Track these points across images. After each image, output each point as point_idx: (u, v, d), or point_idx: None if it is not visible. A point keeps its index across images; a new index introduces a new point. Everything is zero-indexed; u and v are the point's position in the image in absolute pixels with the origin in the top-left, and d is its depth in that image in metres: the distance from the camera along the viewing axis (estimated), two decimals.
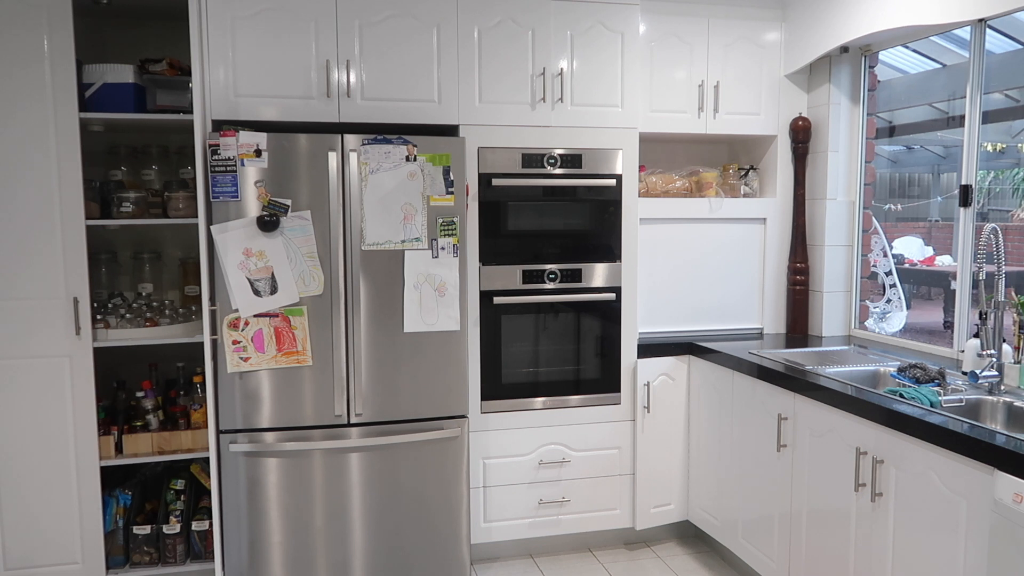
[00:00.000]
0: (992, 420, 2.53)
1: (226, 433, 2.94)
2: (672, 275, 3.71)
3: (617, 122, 3.39)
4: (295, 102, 3.06)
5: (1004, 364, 2.62)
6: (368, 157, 2.96)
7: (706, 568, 3.41)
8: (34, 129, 2.86)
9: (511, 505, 3.41)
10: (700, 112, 3.66)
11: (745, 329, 3.81)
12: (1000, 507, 1.97)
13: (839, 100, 3.68)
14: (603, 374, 3.48)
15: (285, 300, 2.92)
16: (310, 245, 2.93)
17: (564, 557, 3.52)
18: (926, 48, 5.44)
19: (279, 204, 2.90)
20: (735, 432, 3.22)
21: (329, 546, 3.04)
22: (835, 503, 2.61)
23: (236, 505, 2.96)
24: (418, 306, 3.03)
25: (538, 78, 3.28)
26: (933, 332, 7.03)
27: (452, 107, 3.21)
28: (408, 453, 3.07)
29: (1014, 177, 9.66)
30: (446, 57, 3.18)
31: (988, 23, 3.02)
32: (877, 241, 5.51)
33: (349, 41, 3.08)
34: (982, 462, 2.02)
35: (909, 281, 8.56)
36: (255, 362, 2.92)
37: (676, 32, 3.60)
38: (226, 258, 2.86)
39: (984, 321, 2.66)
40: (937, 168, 11.00)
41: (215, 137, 2.85)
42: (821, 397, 2.67)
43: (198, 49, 2.82)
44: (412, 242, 3.01)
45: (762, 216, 3.78)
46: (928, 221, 10.83)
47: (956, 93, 5.26)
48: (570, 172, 3.35)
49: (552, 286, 3.37)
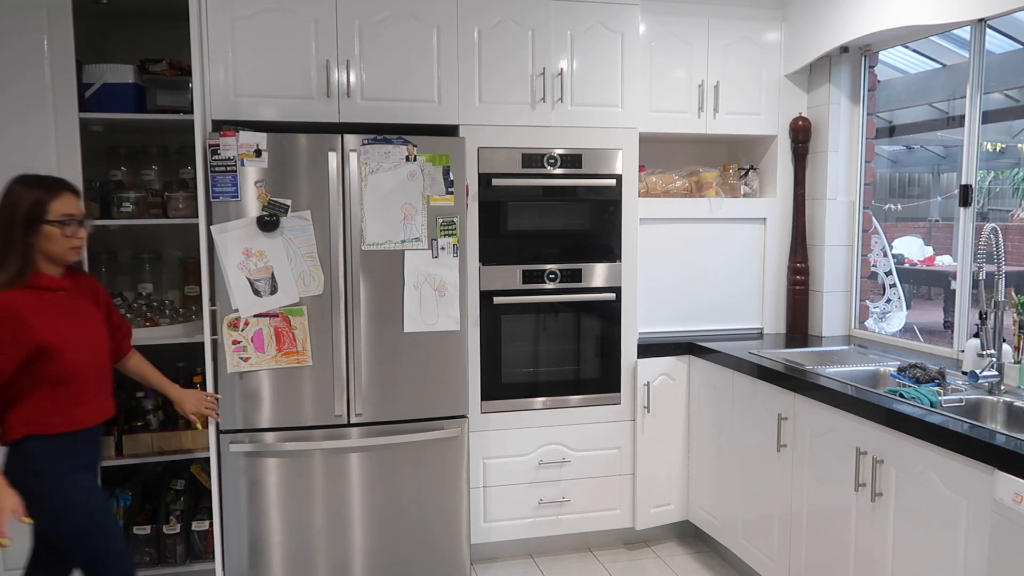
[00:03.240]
0: (992, 420, 2.53)
1: (226, 433, 2.94)
2: (672, 275, 3.71)
3: (617, 122, 3.39)
4: (295, 102, 3.06)
5: (1004, 364, 2.62)
6: (368, 157, 2.96)
7: (706, 568, 3.41)
8: (34, 129, 2.86)
9: (511, 505, 3.41)
10: (700, 112, 3.65)
11: (745, 329, 3.81)
12: (1000, 507, 1.97)
13: (839, 100, 3.67)
14: (603, 374, 3.48)
15: (285, 300, 2.92)
16: (310, 245, 2.93)
17: (564, 557, 3.52)
18: (926, 48, 5.44)
19: (279, 204, 2.90)
20: (735, 432, 3.22)
21: (329, 546, 3.04)
22: (835, 503, 2.61)
23: (236, 505, 2.96)
24: (418, 306, 3.03)
25: (538, 78, 3.28)
26: (933, 332, 7.03)
27: (452, 107, 3.20)
28: (408, 453, 3.07)
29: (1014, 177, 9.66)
30: (446, 57, 3.18)
31: (988, 23, 3.02)
32: (877, 241, 5.51)
33: (349, 41, 3.08)
34: (982, 462, 2.02)
35: (909, 281, 8.56)
36: (255, 362, 2.92)
37: (676, 32, 3.60)
38: (226, 258, 2.85)
39: (984, 321, 2.66)
40: (937, 168, 11.00)
41: (215, 137, 2.84)
42: (821, 397, 2.66)
43: (198, 49, 2.82)
44: (412, 242, 3.01)
45: (762, 216, 3.78)
46: (928, 221, 10.83)
47: (956, 93, 5.27)
48: (570, 172, 3.35)
49: (552, 286, 3.37)
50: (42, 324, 2.14)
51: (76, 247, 2.24)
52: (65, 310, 2.23)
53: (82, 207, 2.27)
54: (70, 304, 2.26)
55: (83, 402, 2.25)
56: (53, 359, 2.16)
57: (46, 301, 2.19)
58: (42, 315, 2.16)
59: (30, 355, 2.13)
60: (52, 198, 2.18)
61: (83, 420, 2.26)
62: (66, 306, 2.24)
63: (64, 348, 2.18)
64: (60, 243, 2.19)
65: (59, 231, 2.18)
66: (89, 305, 2.34)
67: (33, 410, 2.17)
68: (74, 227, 2.21)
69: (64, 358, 2.18)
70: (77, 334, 2.24)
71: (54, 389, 2.19)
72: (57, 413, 2.20)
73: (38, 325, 2.13)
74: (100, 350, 2.33)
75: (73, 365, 2.20)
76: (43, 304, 2.18)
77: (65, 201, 2.21)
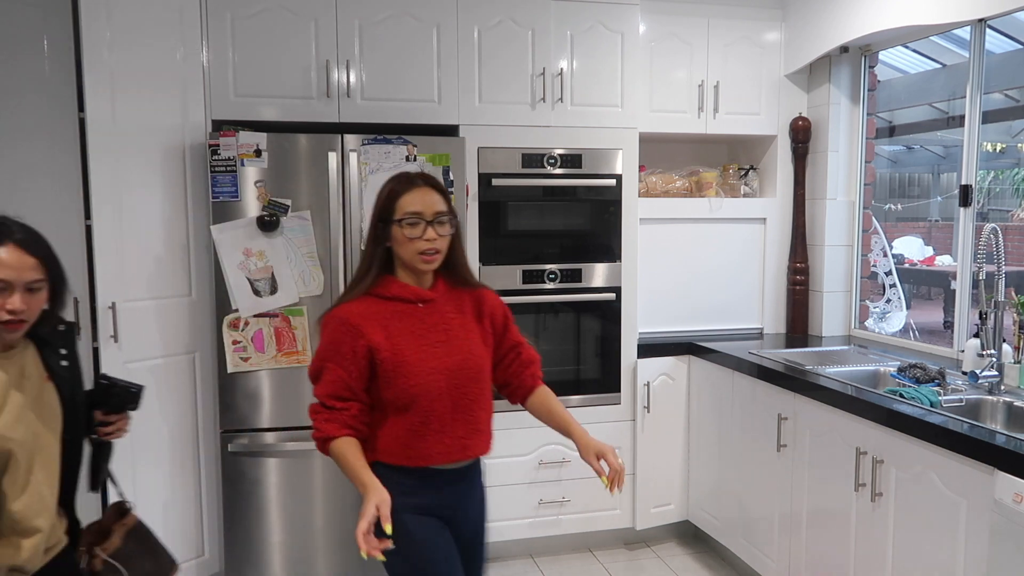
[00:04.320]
0: (992, 420, 2.53)
1: (226, 433, 2.94)
2: (672, 275, 3.71)
3: (617, 122, 3.39)
4: (295, 102, 3.06)
5: (1004, 364, 2.62)
6: (368, 157, 2.96)
7: (706, 568, 3.41)
8: (34, 128, 2.86)
9: (511, 505, 3.40)
10: (700, 112, 3.65)
11: (745, 329, 3.81)
12: (1000, 507, 1.97)
13: (839, 100, 3.67)
14: (603, 374, 3.48)
15: (285, 300, 2.92)
16: (310, 245, 2.93)
17: (564, 557, 3.52)
18: (926, 48, 5.44)
19: (279, 204, 2.90)
20: (735, 432, 3.22)
21: (329, 546, 3.04)
22: (835, 503, 2.61)
23: (236, 505, 2.96)
24: None
25: (538, 78, 3.28)
26: (933, 332, 7.03)
27: (452, 107, 3.20)
28: None
29: (1014, 177, 9.67)
30: (446, 57, 3.18)
31: (988, 23, 3.02)
32: (877, 241, 5.50)
33: (349, 41, 3.08)
34: (982, 462, 2.02)
35: (909, 281, 8.56)
36: (255, 362, 2.92)
37: (676, 32, 3.60)
38: (226, 258, 2.85)
39: (984, 321, 2.66)
40: (937, 168, 11.01)
41: (215, 137, 2.85)
42: (821, 397, 2.66)
43: None
44: None
45: (762, 216, 3.78)
46: (928, 221, 10.84)
47: (956, 93, 5.27)
48: (570, 172, 3.35)
49: (552, 286, 3.37)
50: (383, 339, 1.81)
51: (426, 253, 1.82)
52: (422, 325, 1.86)
53: (438, 204, 1.83)
54: (432, 319, 1.88)
55: (426, 435, 1.83)
56: (390, 380, 1.81)
57: (397, 313, 1.85)
58: (386, 329, 1.83)
59: (372, 371, 1.82)
60: (402, 192, 1.83)
61: (425, 456, 1.84)
62: (425, 321, 1.87)
63: (405, 369, 1.81)
64: (405, 247, 1.82)
65: (402, 232, 1.81)
66: (466, 322, 1.93)
67: (380, 433, 1.85)
68: (422, 227, 1.81)
69: (404, 380, 1.81)
70: (430, 354, 1.84)
71: (397, 415, 1.83)
72: (396, 442, 1.83)
73: (378, 340, 1.81)
74: (465, 376, 1.87)
75: (417, 390, 1.81)
76: (391, 317, 1.84)
77: (416, 196, 1.82)
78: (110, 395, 1.84)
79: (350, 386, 1.80)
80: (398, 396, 1.81)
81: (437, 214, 1.82)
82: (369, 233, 1.89)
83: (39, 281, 1.60)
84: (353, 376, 1.80)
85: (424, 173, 1.89)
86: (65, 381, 1.74)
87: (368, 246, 1.89)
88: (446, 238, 1.86)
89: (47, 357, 1.72)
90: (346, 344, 1.80)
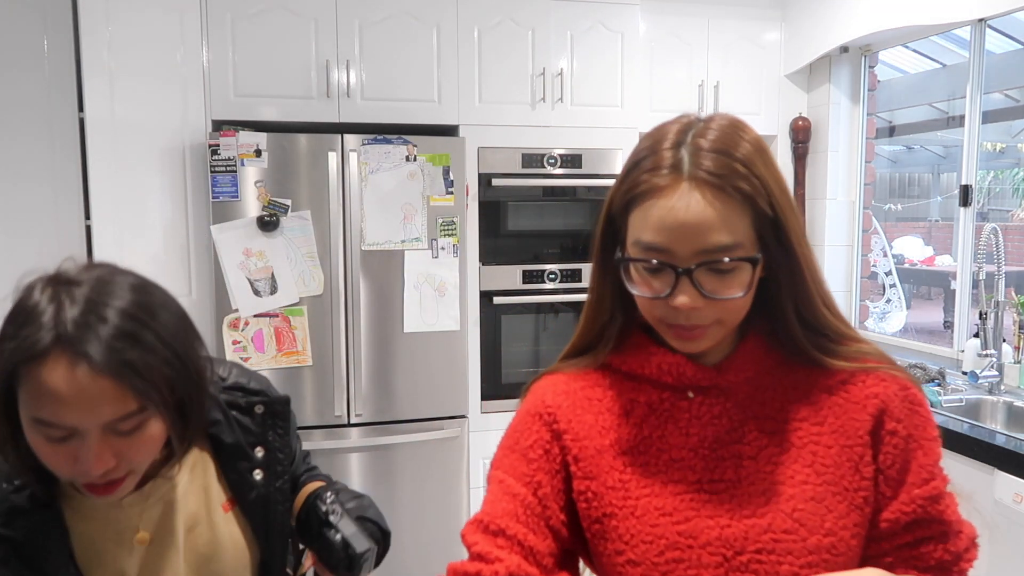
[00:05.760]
0: (992, 420, 2.53)
1: None
2: None
3: (617, 122, 3.39)
4: (295, 102, 3.06)
5: (1004, 364, 2.62)
6: (368, 157, 2.96)
7: None
8: (33, 129, 2.86)
9: None
10: (701, 112, 3.64)
11: None
12: (1000, 507, 1.97)
13: (839, 100, 3.67)
14: None
15: (285, 300, 2.92)
16: (310, 245, 2.93)
17: None
18: (926, 48, 5.43)
19: (279, 204, 2.90)
20: None
21: None
22: None
23: None
24: (418, 306, 3.03)
25: (538, 78, 3.28)
26: (933, 332, 7.03)
27: (452, 107, 3.20)
28: (408, 453, 3.07)
29: (1014, 177, 9.66)
30: (446, 57, 3.18)
31: (988, 23, 3.02)
32: (877, 241, 5.51)
33: (349, 41, 3.08)
34: (982, 462, 2.02)
35: (909, 281, 8.56)
36: (255, 362, 2.92)
37: (676, 32, 3.60)
38: (226, 258, 2.86)
39: (984, 321, 2.66)
40: (937, 168, 11.00)
41: (215, 137, 2.85)
42: None
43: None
44: (412, 242, 3.01)
45: None
46: (928, 221, 10.83)
47: (956, 93, 5.26)
48: (570, 172, 3.35)
49: (552, 286, 3.36)
50: (597, 450, 0.98)
51: (677, 327, 0.93)
52: (681, 434, 0.96)
53: (707, 226, 0.87)
54: (711, 426, 0.96)
55: None
56: (597, 542, 0.97)
57: (639, 405, 0.99)
58: (606, 431, 0.99)
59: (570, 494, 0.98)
60: (647, 190, 0.93)
61: None
62: (692, 426, 0.96)
63: (627, 529, 0.93)
64: (640, 304, 0.97)
65: (636, 273, 0.94)
66: (804, 445, 0.95)
67: None
68: (667, 277, 0.90)
69: (620, 550, 0.94)
70: (693, 506, 0.92)
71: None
72: None
73: (588, 450, 0.98)
74: (770, 567, 0.89)
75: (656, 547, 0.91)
76: (624, 409, 1.00)
77: (663, 206, 0.90)
78: (331, 553, 1.23)
79: (524, 514, 0.96)
80: (619, 550, 0.93)
81: (699, 253, 0.87)
82: (594, 249, 1.05)
83: (131, 416, 0.90)
84: (537, 498, 0.96)
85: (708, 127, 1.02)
86: (260, 505, 1.12)
87: (594, 272, 1.07)
88: (735, 299, 0.90)
89: (227, 469, 1.11)
90: (528, 437, 1.00)
